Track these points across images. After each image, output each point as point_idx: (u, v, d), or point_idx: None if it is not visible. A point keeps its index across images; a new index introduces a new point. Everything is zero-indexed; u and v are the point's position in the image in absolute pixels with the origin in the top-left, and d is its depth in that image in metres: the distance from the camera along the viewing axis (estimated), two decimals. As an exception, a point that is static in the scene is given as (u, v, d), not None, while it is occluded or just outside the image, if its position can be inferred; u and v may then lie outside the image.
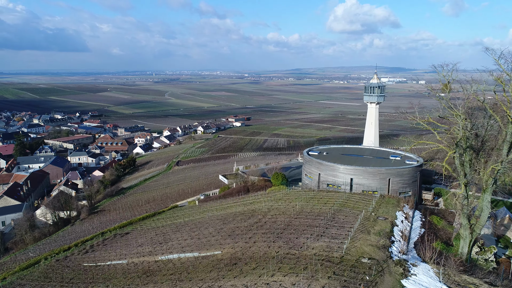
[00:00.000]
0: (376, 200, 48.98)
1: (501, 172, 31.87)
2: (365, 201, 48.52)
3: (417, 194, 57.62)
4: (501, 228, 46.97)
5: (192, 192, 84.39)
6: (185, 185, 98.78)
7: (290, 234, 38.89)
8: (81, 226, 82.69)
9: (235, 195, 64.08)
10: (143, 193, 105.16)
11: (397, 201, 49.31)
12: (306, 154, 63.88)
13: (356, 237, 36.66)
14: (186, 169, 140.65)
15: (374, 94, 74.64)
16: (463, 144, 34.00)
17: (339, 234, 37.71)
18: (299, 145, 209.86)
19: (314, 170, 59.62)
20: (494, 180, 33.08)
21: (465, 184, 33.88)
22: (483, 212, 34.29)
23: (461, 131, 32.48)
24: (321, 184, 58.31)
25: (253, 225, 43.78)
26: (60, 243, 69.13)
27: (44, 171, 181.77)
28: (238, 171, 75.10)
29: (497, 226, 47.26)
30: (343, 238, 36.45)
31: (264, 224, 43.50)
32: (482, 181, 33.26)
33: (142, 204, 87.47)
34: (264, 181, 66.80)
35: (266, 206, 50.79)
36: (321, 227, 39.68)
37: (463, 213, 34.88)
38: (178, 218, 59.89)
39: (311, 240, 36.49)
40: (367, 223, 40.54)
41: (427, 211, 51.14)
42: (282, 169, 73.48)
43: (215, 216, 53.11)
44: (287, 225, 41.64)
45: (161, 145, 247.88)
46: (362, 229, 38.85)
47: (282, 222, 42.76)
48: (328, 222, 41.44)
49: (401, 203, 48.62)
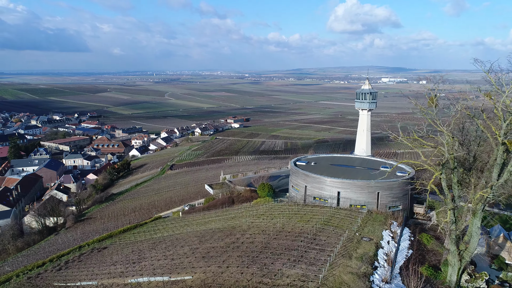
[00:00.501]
0: (363, 217, 46.14)
1: (491, 198, 29.08)
2: (350, 218, 45.69)
3: (408, 208, 54.75)
4: (495, 247, 44.10)
5: (179, 201, 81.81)
6: (173, 192, 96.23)
7: (266, 258, 36.12)
8: (64, 236, 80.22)
9: (219, 207, 61.41)
10: (132, 200, 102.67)
11: (385, 217, 46.45)
12: (293, 164, 61.01)
13: (336, 262, 33.86)
14: (178, 173, 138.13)
15: (366, 100, 71.66)
16: (450, 165, 31.19)
17: (318, 259, 34.91)
18: (296, 148, 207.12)
19: (300, 182, 56.82)
20: (483, 205, 30.30)
21: (453, 209, 31.05)
22: (473, 238, 31.49)
23: (446, 153, 29.63)
24: (307, 197, 55.51)
25: (229, 245, 41.05)
26: (38, 256, 66.68)
27: (37, 174, 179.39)
28: (225, 180, 72.42)
29: (491, 245, 44.37)
30: (322, 264, 33.66)
31: (241, 244, 40.76)
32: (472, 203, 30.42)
33: (128, 213, 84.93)
34: (250, 192, 64.07)
35: (246, 222, 48.08)
36: (300, 250, 36.89)
37: (451, 239, 32.06)
38: (158, 232, 57.26)
39: (287, 266, 33.71)
40: (350, 245, 37.72)
41: (417, 228, 48.25)
42: (270, 178, 70.78)
43: (193, 232, 50.44)
44: (264, 247, 38.88)
45: (158, 147, 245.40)
46: (343, 252, 36.03)
47: (260, 243, 40.00)
48: (309, 243, 38.63)
49: (388, 220, 45.77)
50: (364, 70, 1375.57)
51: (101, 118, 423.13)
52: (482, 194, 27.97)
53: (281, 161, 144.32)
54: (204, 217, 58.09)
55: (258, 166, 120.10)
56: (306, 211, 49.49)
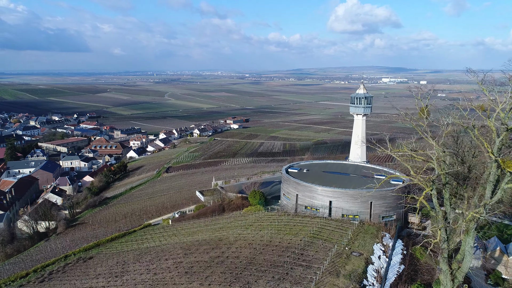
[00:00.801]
0: (354, 228, 44.42)
1: (483, 218, 27.33)
2: (341, 230, 43.99)
3: (402, 217, 52.98)
4: (491, 261, 42.35)
5: (170, 207, 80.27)
6: (166, 197, 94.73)
7: (250, 275, 34.46)
8: (53, 243, 78.72)
9: (209, 215, 59.78)
10: (125, 205, 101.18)
11: (377, 229, 44.71)
12: (285, 172, 59.25)
13: (322, 281, 32.17)
14: (174, 177, 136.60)
15: (361, 105, 69.85)
16: (442, 180, 29.48)
17: (304, 277, 33.23)
18: (295, 150, 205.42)
19: (292, 190, 55.13)
20: (477, 224, 28.57)
21: (445, 228, 29.31)
22: (466, 258, 29.75)
23: (437, 169, 27.92)
24: (298, 206, 53.83)
25: (214, 260, 39.42)
26: (25, 265, 65.23)
27: (33, 176, 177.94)
28: (217, 186, 70.72)
29: (487, 258, 42.62)
30: (307, 282, 31.97)
31: (225, 259, 39.11)
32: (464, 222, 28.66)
33: (119, 219, 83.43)
34: (241, 199, 62.41)
35: (234, 234, 46.43)
36: (286, 267, 35.21)
37: (442, 258, 30.33)
38: (145, 241, 55.68)
39: (271, 284, 32.03)
40: (339, 260, 36.02)
41: (411, 239, 46.46)
42: (263, 185, 69.13)
43: (180, 243, 48.79)
44: (249, 262, 37.22)
45: (156, 148, 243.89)
46: (331, 269, 34.34)
47: (245, 258, 38.35)
48: (296, 259, 36.95)
49: (381, 232, 44.04)
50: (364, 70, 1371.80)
51: (100, 119, 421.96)
52: (474, 214, 26.25)
53: (277, 164, 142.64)
54: (193, 226, 56.47)
55: (253, 170, 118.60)
56: (295, 222, 47.81)
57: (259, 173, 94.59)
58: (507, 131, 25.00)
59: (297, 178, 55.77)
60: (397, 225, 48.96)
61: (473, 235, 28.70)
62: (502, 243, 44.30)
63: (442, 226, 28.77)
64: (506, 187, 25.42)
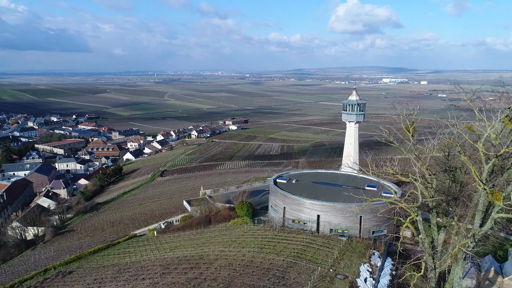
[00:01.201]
0: (342, 246, 42.15)
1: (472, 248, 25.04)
2: (327, 248, 41.75)
3: (393, 231, 50.63)
4: (485, 282, 40.08)
5: (159, 216, 78.24)
6: (157, 204, 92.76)
7: (226, 301, 32.26)
8: (39, 252, 76.78)
9: (195, 227, 57.67)
10: (115, 211, 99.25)
11: (365, 247, 42.45)
12: (273, 183, 56.97)
13: (301, 309, 29.94)
14: (168, 181, 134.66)
15: (353, 112, 67.45)
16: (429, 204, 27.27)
17: (283, 304, 30.99)
18: (292, 152, 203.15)
19: (279, 203, 52.92)
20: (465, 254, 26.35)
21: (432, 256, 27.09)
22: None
23: (420, 197, 25.71)
24: (286, 219, 51.63)
25: (191, 282, 37.25)
26: (4, 278, 63.29)
27: (28, 180, 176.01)
28: (205, 195, 68.56)
29: (481, 279, 40.35)
30: (285, 311, 29.73)
31: (203, 281, 36.94)
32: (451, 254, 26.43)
33: (107, 228, 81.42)
34: (228, 210, 60.26)
35: (216, 251, 44.24)
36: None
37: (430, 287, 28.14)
38: (127, 255, 53.59)
39: (246, 313, 29.83)
40: (321, 285, 33.80)
41: (402, 257, 44.06)
42: (252, 194, 66.95)
43: (160, 260, 46.65)
44: (227, 286, 35.03)
45: (153, 150, 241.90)
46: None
47: (223, 281, 36.17)
48: (276, 282, 34.74)
49: (369, 250, 41.77)
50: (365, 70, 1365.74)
51: (99, 120, 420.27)
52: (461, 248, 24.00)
53: (272, 168, 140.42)
54: (176, 240, 54.37)
55: (247, 176, 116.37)
56: (281, 238, 45.59)
57: (251, 180, 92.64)
58: (497, 158, 22.79)
59: (285, 190, 53.50)
60: (387, 241, 46.63)
61: (462, 265, 26.52)
62: (496, 262, 41.99)
63: (428, 257, 26.57)
64: (496, 217, 23.23)
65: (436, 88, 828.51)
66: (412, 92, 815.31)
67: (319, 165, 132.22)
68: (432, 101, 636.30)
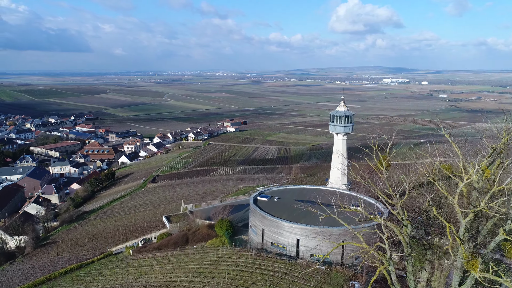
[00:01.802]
0: (319, 278, 38.76)
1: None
2: (303, 280, 38.35)
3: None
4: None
5: (140, 229, 75.18)
6: (141, 215, 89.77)
7: None
8: (15, 268, 73.79)
9: (171, 247, 54.49)
10: (99, 222, 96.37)
11: (345, 278, 39.05)
12: (253, 202, 53.44)
13: None
14: (158, 188, 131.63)
15: (341, 124, 63.86)
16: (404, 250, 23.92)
17: None
18: (289, 156, 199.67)
19: (258, 224, 49.58)
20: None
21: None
22: None
23: (388, 251, 22.28)
24: (265, 242, 48.28)
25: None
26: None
27: (19, 184, 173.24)
28: (186, 210, 65.28)
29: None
30: None
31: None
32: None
33: (86, 241, 78.41)
34: (207, 229, 57.01)
35: (184, 281, 40.96)
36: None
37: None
38: (96, 280, 50.51)
39: None
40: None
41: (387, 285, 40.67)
42: (235, 209, 63.65)
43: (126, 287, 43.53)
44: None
45: (148, 153, 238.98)
46: None
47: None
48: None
49: (349, 283, 38.36)
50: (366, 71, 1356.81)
51: (98, 121, 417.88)
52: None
53: (265, 176, 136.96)
54: (149, 263, 51.19)
55: (238, 184, 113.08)
56: (255, 266, 42.24)
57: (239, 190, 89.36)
58: (474, 214, 19.38)
59: (264, 209, 50.11)
60: (371, 270, 43.17)
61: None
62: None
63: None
64: (478, 276, 19.78)
65: (437, 88, 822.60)
66: (412, 92, 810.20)
67: (314, 171, 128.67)
68: (433, 102, 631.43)
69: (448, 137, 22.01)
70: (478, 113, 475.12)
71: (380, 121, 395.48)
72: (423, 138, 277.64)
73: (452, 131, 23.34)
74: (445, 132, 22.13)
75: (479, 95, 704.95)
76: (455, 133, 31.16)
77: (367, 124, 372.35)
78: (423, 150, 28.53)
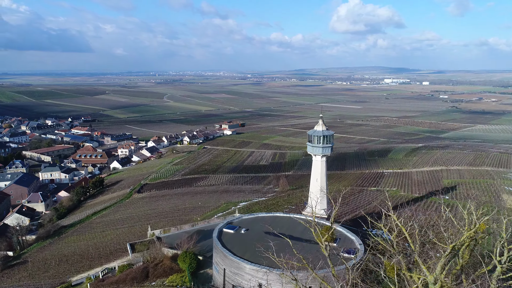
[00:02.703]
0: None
1: None
2: None
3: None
4: None
5: (108, 254, 70.57)
6: (116, 234, 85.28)
7: None
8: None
9: (129, 282, 49.65)
10: (74, 239, 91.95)
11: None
12: (217, 235, 48.10)
13: None
14: (142, 199, 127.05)
15: (319, 145, 58.35)
16: None
17: None
18: (283, 162, 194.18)
19: (220, 262, 44.47)
20: None
21: None
22: None
23: None
24: (226, 284, 43.16)
25: None
26: None
27: (5, 192, 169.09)
28: (153, 236, 60.43)
29: None
30: None
31: None
32: None
33: (53, 265, 73.93)
34: (170, 261, 52.10)
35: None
36: None
37: None
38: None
39: None
40: None
41: None
42: (207, 235, 58.49)
43: None
44: None
45: (141, 158, 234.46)
46: None
47: None
48: None
49: None
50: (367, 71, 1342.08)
51: (95, 123, 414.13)
52: None
53: (253, 187, 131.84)
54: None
55: (222, 198, 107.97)
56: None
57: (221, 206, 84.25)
58: None
59: (227, 246, 44.94)
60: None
61: None
62: None
63: None
64: None
65: (438, 88, 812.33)
66: (413, 93, 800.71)
67: (303, 182, 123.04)
68: (433, 103, 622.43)
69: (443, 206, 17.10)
70: (478, 114, 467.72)
71: (380, 122, 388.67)
72: (422, 141, 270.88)
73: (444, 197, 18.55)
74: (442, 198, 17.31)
75: (480, 95, 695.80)
76: (454, 137, 25.93)
77: (367, 126, 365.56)
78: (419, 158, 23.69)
